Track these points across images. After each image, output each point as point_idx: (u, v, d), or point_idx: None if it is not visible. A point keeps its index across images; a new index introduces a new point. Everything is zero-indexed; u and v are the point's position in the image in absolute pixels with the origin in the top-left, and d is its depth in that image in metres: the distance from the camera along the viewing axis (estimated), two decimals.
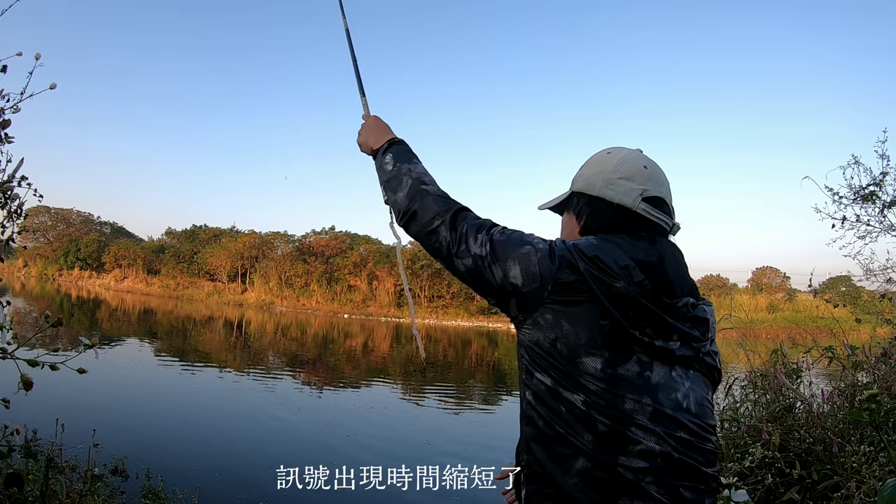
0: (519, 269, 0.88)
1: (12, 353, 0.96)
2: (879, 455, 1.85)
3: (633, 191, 0.93)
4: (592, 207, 0.96)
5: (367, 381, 10.90)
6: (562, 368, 0.83)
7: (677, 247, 0.96)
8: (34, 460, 2.39)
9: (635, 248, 0.88)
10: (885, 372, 2.33)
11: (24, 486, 1.50)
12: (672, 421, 0.82)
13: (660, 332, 0.84)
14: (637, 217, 0.93)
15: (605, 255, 0.85)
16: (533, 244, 0.90)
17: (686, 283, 0.91)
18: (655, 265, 0.87)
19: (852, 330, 3.40)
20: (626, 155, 0.97)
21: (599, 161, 0.99)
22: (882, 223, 3.19)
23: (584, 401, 0.81)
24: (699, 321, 0.89)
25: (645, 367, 0.83)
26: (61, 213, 35.72)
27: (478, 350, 17.58)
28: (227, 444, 5.91)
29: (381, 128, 1.17)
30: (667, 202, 0.96)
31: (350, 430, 6.60)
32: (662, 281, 0.86)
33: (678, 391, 0.85)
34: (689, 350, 0.87)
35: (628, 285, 0.83)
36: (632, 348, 0.83)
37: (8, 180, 1.33)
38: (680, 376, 0.86)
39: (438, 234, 0.97)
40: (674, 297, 0.86)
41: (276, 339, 16.91)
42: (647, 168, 0.96)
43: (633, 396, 0.81)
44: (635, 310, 0.83)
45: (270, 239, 30.86)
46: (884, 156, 3.06)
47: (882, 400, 0.69)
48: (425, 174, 1.06)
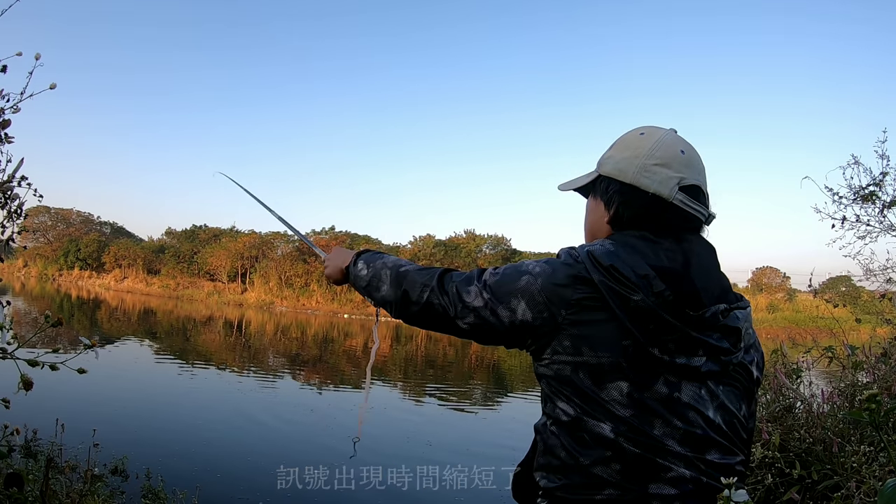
0: (524, 303, 0.81)
1: (12, 353, 0.96)
2: (879, 455, 1.85)
3: (670, 179, 0.84)
4: (624, 197, 0.87)
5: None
6: (585, 396, 0.78)
7: (708, 244, 0.87)
8: (34, 460, 2.39)
9: (657, 253, 0.81)
10: (885, 372, 2.33)
11: (24, 486, 1.50)
12: (703, 442, 0.78)
13: (682, 347, 0.77)
14: (673, 208, 0.84)
15: (622, 263, 0.78)
16: (529, 272, 0.83)
17: (716, 287, 0.83)
18: (678, 273, 0.79)
19: (852, 330, 3.41)
20: (661, 137, 0.88)
21: (632, 143, 0.89)
22: (882, 223, 3.19)
23: (612, 429, 0.76)
24: (730, 331, 0.81)
25: (673, 387, 0.77)
26: (61, 213, 35.71)
27: (478, 350, 17.57)
28: (228, 444, 5.91)
29: (342, 250, 1.15)
30: (703, 190, 0.88)
31: (351, 431, 6.60)
32: (686, 290, 0.78)
33: (708, 410, 0.79)
34: (716, 365, 0.79)
35: (647, 297, 0.76)
36: (657, 369, 0.77)
37: (8, 180, 1.33)
38: (711, 392, 0.80)
39: (432, 304, 0.91)
40: (699, 308, 0.78)
41: (276, 339, 16.91)
42: (685, 153, 0.87)
43: (662, 420, 0.76)
44: (655, 324, 0.76)
45: (270, 239, 30.85)
46: (884, 156, 3.06)
47: (882, 400, 0.69)
48: (399, 260, 1.02)
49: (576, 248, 0.84)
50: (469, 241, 28.11)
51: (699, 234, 0.88)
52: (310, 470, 5.15)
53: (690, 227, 0.87)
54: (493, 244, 28.18)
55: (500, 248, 28.06)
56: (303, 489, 4.71)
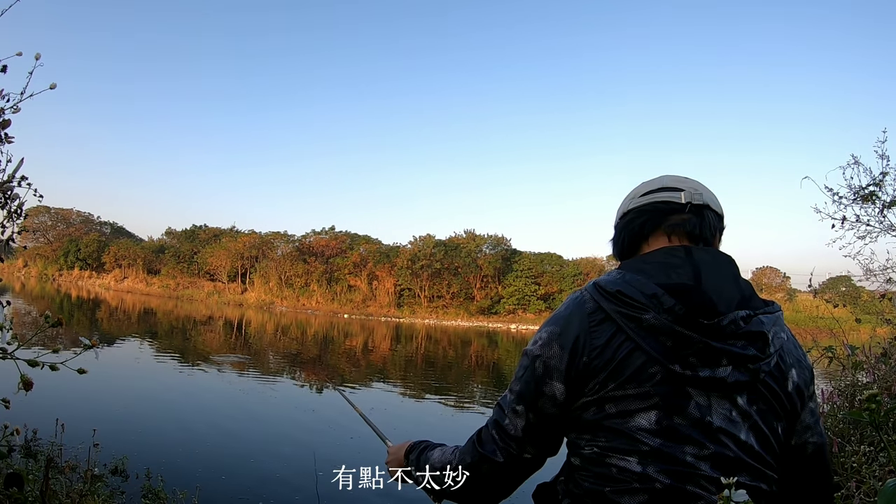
0: (555, 385, 0.81)
1: (12, 353, 0.95)
2: (879, 455, 1.85)
3: (631, 197, 0.93)
4: (622, 222, 0.94)
5: (368, 381, 10.90)
6: (611, 432, 0.77)
7: (722, 255, 0.86)
8: (34, 460, 2.39)
9: (666, 271, 0.81)
10: (885, 372, 2.33)
11: (24, 486, 1.50)
12: (734, 464, 0.75)
13: (704, 359, 0.75)
14: (630, 213, 0.90)
15: (628, 287, 0.79)
16: (529, 354, 0.84)
17: (733, 295, 0.80)
18: (688, 286, 0.78)
19: (852, 330, 3.41)
20: (648, 179, 0.96)
21: (625, 196, 0.99)
22: (882, 223, 3.19)
23: (640, 461, 0.75)
24: (755, 336, 0.77)
25: (704, 410, 0.75)
26: (61, 213, 35.72)
27: (478, 350, 17.57)
28: (228, 444, 5.91)
29: (396, 450, 1.16)
30: (669, 185, 0.90)
31: (353, 432, 6.60)
32: (697, 301, 0.76)
33: (741, 432, 0.77)
34: (745, 374, 0.76)
35: (659, 314, 0.76)
36: (686, 391, 0.75)
37: (8, 180, 1.33)
38: (743, 413, 0.77)
39: (484, 466, 0.89)
40: (715, 316, 0.76)
41: (276, 339, 16.91)
42: (659, 177, 0.93)
43: (693, 445, 0.74)
44: (672, 340, 0.75)
45: (270, 239, 30.85)
46: (883, 156, 3.05)
47: (882, 400, 0.69)
48: (438, 459, 1.00)
49: (583, 288, 0.87)
50: (469, 241, 28.10)
51: (711, 244, 0.88)
52: (310, 470, 5.15)
53: (680, 226, 0.87)
54: (493, 244, 28.18)
55: (500, 248, 28.06)
56: (303, 489, 4.71)
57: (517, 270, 26.92)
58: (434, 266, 26.51)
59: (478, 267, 26.93)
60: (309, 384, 10.01)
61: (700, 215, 0.87)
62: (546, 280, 26.95)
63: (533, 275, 26.82)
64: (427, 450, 1.05)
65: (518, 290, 26.44)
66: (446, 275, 26.88)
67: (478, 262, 27.08)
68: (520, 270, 26.87)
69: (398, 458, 1.13)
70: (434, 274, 26.66)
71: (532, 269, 26.92)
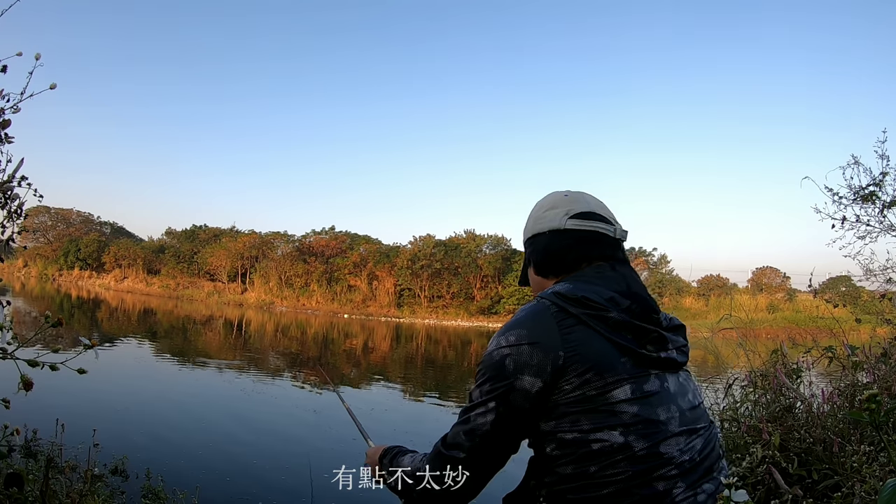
0: (526, 379, 0.86)
1: (12, 353, 0.96)
2: (879, 455, 1.85)
3: (557, 214, 1.02)
4: (533, 245, 1.06)
5: (368, 381, 10.90)
6: (594, 409, 0.84)
7: (633, 269, 1.03)
8: (34, 460, 2.39)
9: (606, 281, 0.94)
10: (885, 372, 2.33)
11: (24, 486, 1.50)
12: (693, 418, 0.91)
13: (660, 345, 0.92)
14: (570, 233, 1.00)
15: (588, 292, 0.90)
16: (495, 355, 0.89)
17: (652, 301, 0.98)
18: (633, 292, 0.94)
19: (852, 330, 3.40)
20: (547, 195, 1.08)
21: (530, 214, 1.10)
22: (882, 223, 3.19)
23: (622, 432, 0.84)
24: (679, 328, 1.01)
25: (662, 380, 0.91)
26: (61, 213, 35.74)
27: (478, 350, 17.57)
28: (228, 444, 5.91)
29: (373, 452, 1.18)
30: (599, 213, 1.02)
31: (355, 433, 6.60)
32: (645, 303, 0.94)
33: (688, 393, 0.95)
34: (683, 356, 0.97)
35: (620, 313, 0.90)
36: (648, 371, 0.89)
37: (8, 180, 1.33)
38: (685, 379, 0.96)
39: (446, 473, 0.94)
40: (657, 313, 0.95)
41: (276, 339, 16.91)
42: (567, 195, 1.05)
43: (662, 407, 0.88)
44: (633, 333, 0.90)
45: (270, 239, 30.86)
46: (883, 156, 3.06)
47: (882, 400, 0.69)
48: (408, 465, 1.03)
49: (538, 299, 0.94)
50: (469, 241, 28.10)
51: (625, 261, 1.02)
52: (310, 471, 5.15)
53: (610, 252, 1.00)
54: (492, 244, 28.18)
55: (500, 248, 28.06)
56: (303, 489, 4.71)
57: (517, 270, 26.91)
58: (434, 266, 26.51)
59: (478, 267, 26.93)
60: (309, 384, 10.01)
61: (621, 244, 1.04)
62: None
63: None
64: (399, 455, 1.09)
65: (518, 290, 26.44)
66: (446, 275, 26.88)
67: (478, 262, 27.08)
68: (520, 270, 26.84)
69: (373, 461, 1.15)
70: (434, 274, 26.66)
71: None
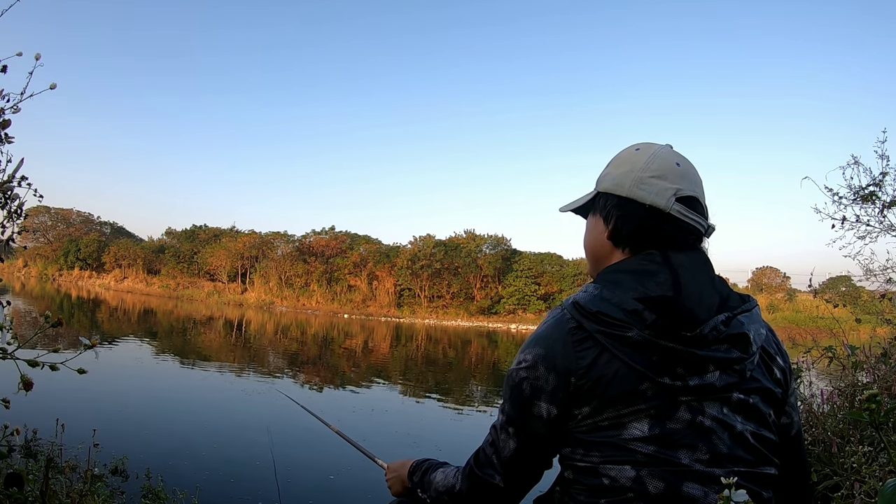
0: (542, 406, 0.80)
1: (12, 354, 0.95)
2: (879, 455, 1.85)
3: (666, 190, 0.85)
4: (622, 210, 0.88)
5: (368, 381, 10.90)
6: (607, 443, 0.77)
7: (699, 256, 0.86)
8: (34, 460, 2.39)
9: (643, 282, 0.80)
10: (885, 372, 2.33)
11: (24, 486, 1.50)
12: (731, 459, 0.77)
13: (692, 368, 0.76)
14: (671, 219, 0.84)
15: (607, 306, 0.78)
16: (515, 376, 0.84)
17: (712, 299, 0.81)
18: (667, 298, 0.78)
19: (852, 330, 3.40)
20: (656, 151, 0.89)
21: (628, 159, 0.90)
22: (882, 223, 3.19)
23: (634, 467, 0.76)
24: (737, 338, 0.79)
25: (696, 411, 0.77)
26: (61, 213, 35.72)
27: (478, 350, 17.58)
28: (228, 445, 5.91)
29: (397, 468, 1.17)
30: (701, 202, 0.88)
31: (354, 433, 6.59)
32: (678, 314, 0.77)
33: (736, 424, 0.79)
34: (733, 376, 0.78)
35: (642, 331, 0.76)
36: (678, 400, 0.76)
37: (8, 180, 1.33)
38: (735, 406, 0.79)
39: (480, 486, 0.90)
40: (696, 326, 0.77)
41: (276, 339, 16.91)
42: (680, 165, 0.88)
43: (688, 448, 0.76)
44: (658, 354, 0.76)
45: (270, 239, 30.85)
46: (883, 156, 3.05)
47: (882, 400, 0.69)
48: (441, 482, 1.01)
49: (561, 305, 0.85)
50: (469, 241, 28.10)
51: (693, 247, 0.87)
52: (311, 471, 5.15)
53: (687, 241, 0.86)
54: (493, 244, 28.17)
55: (500, 248, 28.06)
56: (304, 490, 4.71)
57: (517, 270, 26.92)
58: (434, 266, 26.50)
59: (478, 267, 26.93)
60: (309, 384, 10.01)
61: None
62: (546, 280, 26.94)
63: (533, 275, 26.81)
64: (430, 471, 1.06)
65: (518, 290, 26.44)
66: (446, 275, 26.87)
67: (478, 262, 27.07)
68: (520, 270, 26.86)
69: (401, 478, 1.13)
70: (434, 274, 26.65)
71: (532, 269, 26.91)
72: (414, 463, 1.11)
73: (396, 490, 1.16)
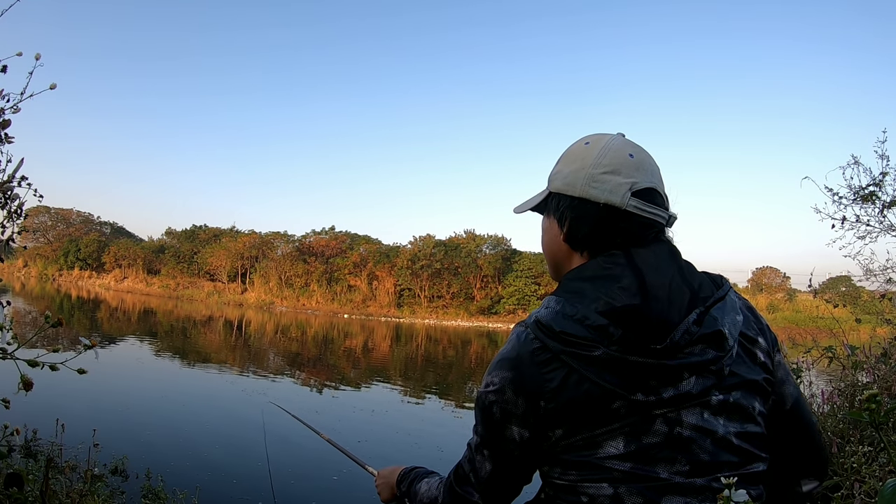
0: (513, 429, 0.78)
1: (12, 354, 0.95)
2: (879, 455, 1.85)
3: (620, 186, 0.80)
4: (576, 212, 0.83)
5: (368, 381, 10.90)
6: (582, 462, 0.75)
7: (666, 250, 0.81)
8: (34, 460, 2.40)
9: (607, 288, 0.75)
10: (885, 372, 2.33)
11: (24, 486, 1.50)
12: (714, 467, 0.74)
13: (665, 379, 0.72)
14: (628, 216, 0.80)
15: (571, 325, 0.74)
16: (484, 399, 0.81)
17: (682, 296, 0.76)
18: (634, 307, 0.73)
19: (852, 330, 3.41)
20: (607, 143, 0.84)
21: (578, 154, 0.85)
22: (882, 223, 3.19)
23: (611, 485, 0.73)
24: (711, 337, 0.74)
25: (673, 423, 0.73)
26: (61, 213, 35.73)
27: (478, 350, 17.58)
28: (228, 444, 5.91)
29: (386, 475, 1.16)
30: (659, 192, 0.83)
31: (355, 433, 6.60)
32: (646, 325, 0.72)
33: (718, 428, 0.74)
34: (710, 378, 0.74)
35: (608, 349, 0.72)
36: (652, 414, 0.73)
37: (8, 180, 1.33)
38: (717, 408, 0.75)
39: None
40: (667, 334, 0.72)
41: (276, 339, 16.91)
42: (633, 156, 0.83)
43: (666, 461, 0.72)
44: (626, 370, 0.72)
45: (270, 239, 30.86)
46: (883, 156, 3.05)
47: (882, 400, 0.69)
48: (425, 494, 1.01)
49: (524, 323, 0.81)
50: (469, 241, 28.10)
51: (657, 239, 0.82)
52: (312, 471, 5.15)
53: (648, 236, 0.82)
54: (493, 244, 28.18)
55: (500, 248, 28.06)
56: (304, 490, 4.71)
57: (517, 270, 26.92)
58: (434, 266, 26.51)
59: (478, 267, 26.93)
60: (309, 385, 10.01)
61: None
62: (546, 280, 26.92)
63: (533, 275, 26.80)
64: (416, 481, 1.05)
65: (518, 290, 26.44)
66: (446, 275, 26.88)
67: (478, 262, 27.07)
68: (520, 270, 26.86)
69: (390, 485, 1.13)
70: (434, 274, 26.65)
71: (532, 269, 26.90)
72: (402, 471, 1.10)
73: (385, 497, 1.15)
